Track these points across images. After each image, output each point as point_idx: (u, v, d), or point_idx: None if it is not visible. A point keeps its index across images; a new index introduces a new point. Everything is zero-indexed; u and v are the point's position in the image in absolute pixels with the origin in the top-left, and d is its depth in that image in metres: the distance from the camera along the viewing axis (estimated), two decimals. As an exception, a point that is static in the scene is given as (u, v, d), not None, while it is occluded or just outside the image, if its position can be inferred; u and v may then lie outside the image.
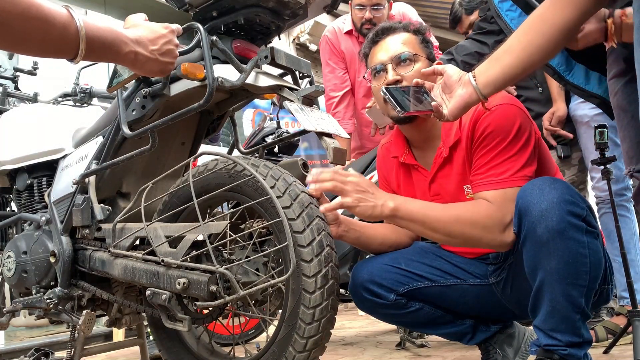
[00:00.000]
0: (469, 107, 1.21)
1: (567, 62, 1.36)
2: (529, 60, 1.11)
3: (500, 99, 1.33)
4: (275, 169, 1.31)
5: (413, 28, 1.49)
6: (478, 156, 1.33)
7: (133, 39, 1.01)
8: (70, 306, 1.63)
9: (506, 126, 1.29)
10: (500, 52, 1.15)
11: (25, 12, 0.81)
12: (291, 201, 1.26)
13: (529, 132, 1.30)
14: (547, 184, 1.19)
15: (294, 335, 1.23)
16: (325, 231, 1.27)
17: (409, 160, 1.51)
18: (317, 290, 1.21)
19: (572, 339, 1.18)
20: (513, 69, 1.13)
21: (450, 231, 1.29)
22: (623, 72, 1.14)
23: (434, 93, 1.25)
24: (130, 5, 4.61)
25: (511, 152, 1.28)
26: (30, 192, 1.85)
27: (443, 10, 5.96)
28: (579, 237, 1.15)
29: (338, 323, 2.22)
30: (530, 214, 1.17)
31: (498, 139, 1.30)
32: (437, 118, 1.24)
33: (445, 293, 1.48)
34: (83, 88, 2.28)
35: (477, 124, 1.33)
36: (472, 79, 1.17)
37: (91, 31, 0.91)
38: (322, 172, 1.34)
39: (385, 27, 1.49)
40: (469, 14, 2.77)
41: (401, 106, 1.22)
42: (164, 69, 1.10)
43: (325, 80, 2.93)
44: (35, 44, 0.86)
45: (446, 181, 1.43)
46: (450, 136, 1.39)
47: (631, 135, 1.14)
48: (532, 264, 1.20)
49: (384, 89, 1.25)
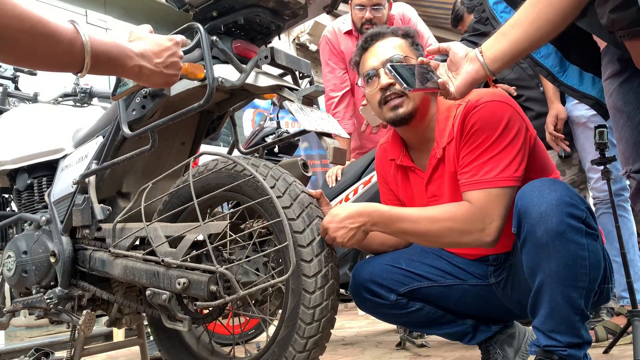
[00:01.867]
0: (476, 83, 1.18)
1: (561, 63, 1.36)
2: (537, 33, 1.08)
3: (489, 95, 1.32)
4: (275, 169, 1.31)
5: (401, 32, 1.48)
6: (464, 153, 1.32)
7: (138, 52, 1.03)
8: (70, 306, 1.63)
9: (493, 123, 1.28)
10: (508, 26, 1.12)
11: (33, 29, 0.82)
12: (291, 201, 1.26)
13: (517, 130, 1.28)
14: (547, 185, 1.19)
15: (294, 335, 1.23)
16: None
17: (406, 162, 1.50)
18: (317, 290, 1.22)
19: (572, 340, 1.18)
20: (521, 43, 1.10)
21: (430, 238, 1.31)
22: (618, 72, 1.14)
23: (439, 71, 1.22)
24: (130, 5, 4.61)
25: (496, 150, 1.27)
26: (31, 192, 1.84)
27: (443, 10, 5.96)
28: (578, 239, 1.15)
29: (338, 323, 2.22)
30: (529, 216, 1.17)
31: (483, 137, 1.28)
32: (444, 96, 1.22)
33: (445, 293, 1.48)
34: (83, 88, 2.28)
35: (465, 121, 1.32)
36: (479, 55, 1.14)
37: (97, 46, 0.92)
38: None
39: (374, 33, 1.48)
40: (470, 12, 2.76)
41: (407, 83, 1.19)
42: (168, 81, 1.11)
43: (325, 81, 2.93)
44: (42, 59, 0.88)
45: (442, 182, 1.42)
46: (443, 137, 1.38)
47: (627, 136, 1.13)
48: (531, 265, 1.20)
49: (389, 66, 1.22)
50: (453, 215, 1.26)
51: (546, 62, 1.36)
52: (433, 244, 1.37)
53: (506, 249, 1.40)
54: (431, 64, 1.23)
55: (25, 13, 0.81)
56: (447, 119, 1.38)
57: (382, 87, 1.40)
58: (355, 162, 2.51)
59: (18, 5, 0.80)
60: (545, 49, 1.36)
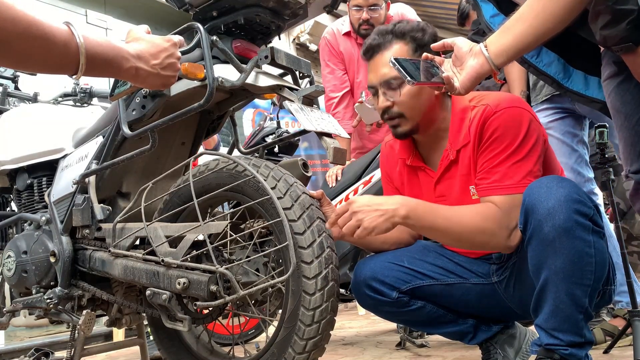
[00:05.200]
0: (480, 78, 1.17)
1: (564, 70, 1.35)
2: (542, 27, 1.08)
3: (509, 101, 1.33)
4: (276, 170, 1.31)
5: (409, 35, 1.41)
6: (485, 159, 1.33)
7: (134, 54, 1.01)
8: (70, 306, 1.63)
9: (514, 129, 1.29)
10: (512, 20, 1.11)
11: (26, 31, 0.81)
12: (292, 202, 1.26)
13: (536, 136, 1.30)
14: (555, 182, 1.19)
15: (294, 336, 1.23)
16: (326, 233, 1.27)
17: (416, 163, 1.50)
18: (318, 292, 1.21)
19: (574, 339, 1.18)
20: (525, 37, 1.10)
21: (460, 237, 1.30)
22: (616, 73, 1.14)
23: (444, 67, 1.21)
24: (130, 5, 4.61)
25: (519, 157, 1.28)
26: (31, 192, 1.84)
27: (443, 10, 5.96)
28: (585, 236, 1.15)
29: (338, 323, 2.22)
30: (537, 212, 1.17)
31: (506, 143, 1.29)
32: (449, 91, 1.21)
33: (447, 291, 1.48)
34: (83, 88, 2.28)
35: (485, 126, 1.33)
36: (484, 49, 1.14)
37: (92, 48, 0.91)
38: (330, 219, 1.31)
39: (372, 45, 1.43)
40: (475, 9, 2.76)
41: (411, 76, 1.17)
42: (165, 82, 1.10)
43: (324, 81, 2.94)
44: (36, 61, 0.87)
45: (452, 182, 1.43)
46: (458, 139, 1.39)
47: (625, 136, 1.13)
48: (537, 262, 1.20)
49: (393, 59, 1.20)
50: (485, 215, 1.27)
51: (549, 70, 1.36)
52: (461, 243, 1.35)
53: None
54: (436, 60, 1.23)
55: (19, 15, 0.80)
56: (462, 120, 1.39)
57: (380, 108, 1.42)
58: (355, 162, 2.51)
59: (12, 6, 0.79)
60: (547, 57, 1.36)
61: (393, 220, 1.28)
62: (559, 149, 2.20)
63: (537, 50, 1.36)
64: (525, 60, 1.38)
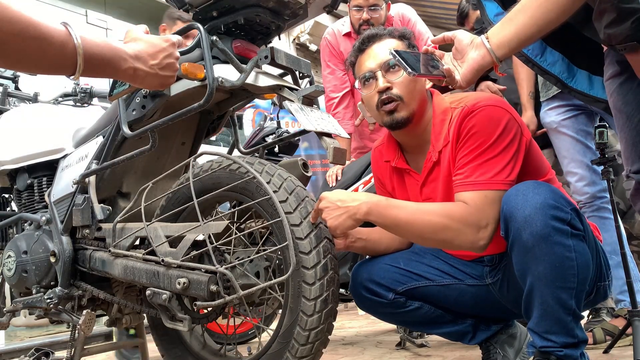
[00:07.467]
0: (482, 70, 1.15)
1: (568, 69, 1.35)
2: (544, 18, 1.06)
3: (487, 100, 1.33)
4: (279, 172, 1.31)
5: (398, 34, 1.47)
6: (460, 156, 1.32)
7: (132, 54, 1.01)
8: (71, 306, 1.63)
9: (490, 127, 1.28)
10: (514, 11, 1.10)
11: (23, 32, 0.80)
12: (292, 203, 1.26)
13: (513, 135, 1.29)
14: (530, 189, 1.19)
15: (297, 327, 1.23)
16: (327, 238, 1.27)
17: (401, 165, 1.50)
18: (317, 293, 1.21)
19: (567, 340, 1.18)
20: (527, 29, 1.08)
21: (422, 233, 1.28)
22: (618, 73, 1.13)
23: (445, 61, 1.21)
24: (130, 5, 4.61)
25: (492, 154, 1.27)
26: (31, 192, 1.84)
27: (443, 10, 5.96)
28: (564, 241, 1.15)
29: (338, 323, 2.22)
30: (515, 220, 1.18)
31: (481, 140, 1.29)
32: (450, 85, 1.20)
33: (443, 292, 1.49)
34: (83, 88, 2.28)
35: (462, 124, 1.32)
36: (485, 41, 1.12)
37: (90, 48, 0.90)
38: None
39: (370, 35, 1.47)
40: (475, 9, 2.75)
41: (412, 67, 1.15)
42: (164, 82, 1.09)
43: (325, 82, 2.94)
44: (33, 62, 0.86)
45: (436, 184, 1.43)
46: (439, 140, 1.39)
47: (627, 136, 1.13)
48: (520, 268, 1.21)
49: (393, 51, 1.20)
50: (450, 212, 1.26)
51: (553, 70, 1.36)
52: (426, 241, 1.35)
53: (501, 250, 1.40)
54: (436, 53, 1.22)
55: (16, 16, 0.79)
56: (443, 122, 1.38)
57: (379, 90, 1.40)
58: (355, 162, 2.51)
59: (9, 7, 0.78)
60: (552, 57, 1.36)
61: (355, 218, 1.29)
62: (573, 147, 2.21)
63: (541, 49, 1.36)
64: (530, 59, 1.37)
